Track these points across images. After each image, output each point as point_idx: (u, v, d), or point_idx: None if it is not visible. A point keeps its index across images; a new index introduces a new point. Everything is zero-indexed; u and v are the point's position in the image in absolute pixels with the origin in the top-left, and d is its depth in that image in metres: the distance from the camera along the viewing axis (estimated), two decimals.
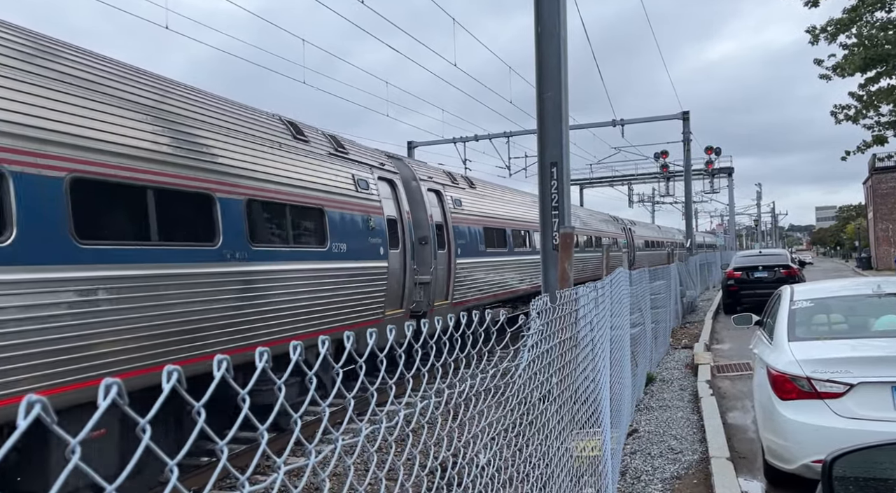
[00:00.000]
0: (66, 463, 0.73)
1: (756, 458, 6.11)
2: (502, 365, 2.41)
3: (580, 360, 3.94)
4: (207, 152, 6.46)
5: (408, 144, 28.90)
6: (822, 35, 15.52)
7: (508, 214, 15.30)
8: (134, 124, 5.67)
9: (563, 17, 7.09)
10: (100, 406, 0.75)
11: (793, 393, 4.90)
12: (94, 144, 5.19)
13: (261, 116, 7.96)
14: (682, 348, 13.06)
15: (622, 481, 5.64)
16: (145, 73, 6.42)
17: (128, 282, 5.34)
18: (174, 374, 0.85)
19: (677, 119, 27.10)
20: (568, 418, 3.62)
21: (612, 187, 47.29)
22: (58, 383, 4.73)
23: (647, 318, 9.96)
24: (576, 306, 3.84)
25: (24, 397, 0.69)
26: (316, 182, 8.07)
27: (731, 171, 41.71)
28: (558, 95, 7.00)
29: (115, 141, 5.41)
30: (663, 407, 8.25)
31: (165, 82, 6.62)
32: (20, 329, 4.50)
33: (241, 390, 1.05)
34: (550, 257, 6.95)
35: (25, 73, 4.88)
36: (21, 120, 4.67)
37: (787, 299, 6.16)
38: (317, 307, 7.76)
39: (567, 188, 7.16)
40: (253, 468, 1.14)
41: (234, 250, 6.53)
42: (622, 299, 6.88)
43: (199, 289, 6.04)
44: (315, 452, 1.15)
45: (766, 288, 14.92)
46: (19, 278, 4.52)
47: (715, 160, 31.78)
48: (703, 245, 47.57)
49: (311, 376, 1.23)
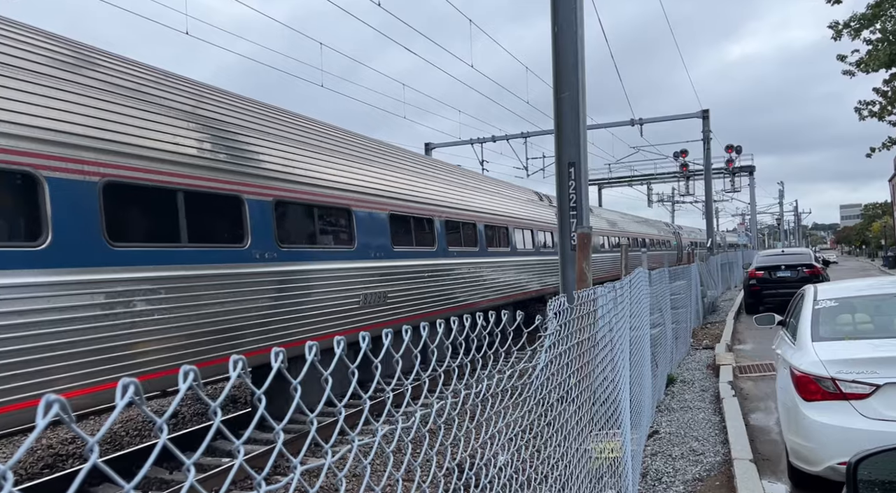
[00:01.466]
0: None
1: (780, 460, 6.01)
2: (519, 366, 2.40)
3: (599, 361, 3.91)
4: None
5: (425, 145, 28.97)
6: (845, 31, 15.25)
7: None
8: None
9: (580, 16, 7.05)
10: (117, 406, 0.76)
11: (817, 394, 4.81)
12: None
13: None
14: (704, 348, 12.90)
15: (643, 482, 5.59)
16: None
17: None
18: (190, 374, 0.86)
19: (697, 118, 26.82)
20: (587, 419, 3.59)
21: (631, 187, 46.85)
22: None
23: (668, 318, 9.85)
24: (594, 306, 3.82)
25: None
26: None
27: (753, 169, 41.12)
28: (576, 95, 6.97)
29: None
30: (684, 408, 8.16)
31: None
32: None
33: (257, 390, 1.05)
34: (568, 257, 6.92)
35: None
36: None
37: (810, 299, 6.06)
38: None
39: (585, 188, 7.12)
40: (270, 469, 1.14)
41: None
42: (641, 299, 6.82)
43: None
44: (332, 452, 1.15)
45: (789, 288, 14.68)
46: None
47: (736, 159, 31.40)
48: (733, 245, 48.44)
49: (326, 375, 1.23)
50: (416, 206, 10.29)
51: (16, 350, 4.36)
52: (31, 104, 4.68)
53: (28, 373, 4.42)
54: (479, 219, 12.74)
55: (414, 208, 10.21)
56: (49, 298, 4.57)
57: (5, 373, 4.32)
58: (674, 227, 35.81)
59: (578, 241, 4.57)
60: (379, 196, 9.26)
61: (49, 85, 4.86)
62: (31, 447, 0.75)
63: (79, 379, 4.73)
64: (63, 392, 4.45)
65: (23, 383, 4.38)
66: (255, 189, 6.67)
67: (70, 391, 4.57)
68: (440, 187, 11.49)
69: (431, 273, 10.51)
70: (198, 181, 5.98)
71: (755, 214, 52.09)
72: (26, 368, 4.41)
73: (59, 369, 4.60)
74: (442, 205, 11.19)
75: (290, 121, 8.10)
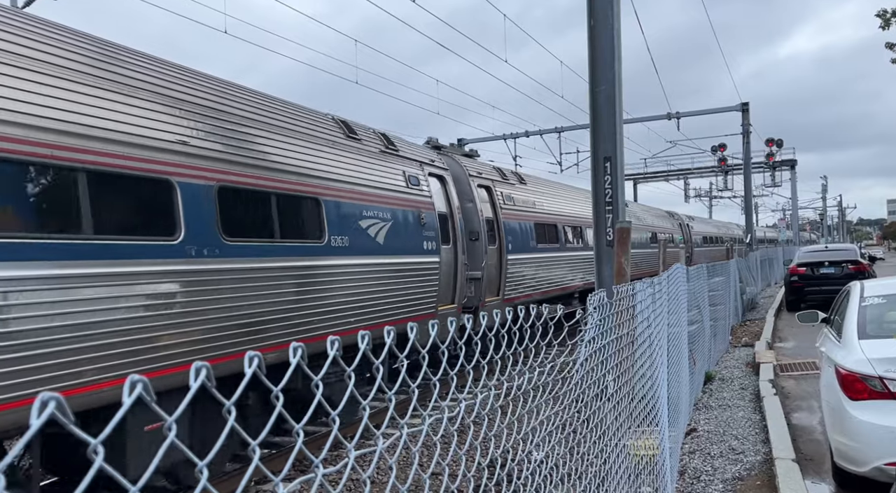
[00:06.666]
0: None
1: (823, 460, 5.88)
2: (559, 360, 2.41)
3: (637, 357, 3.88)
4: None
5: (458, 141, 28.96)
6: (893, 19, 14.72)
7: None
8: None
9: (617, 10, 6.97)
10: (124, 403, 0.74)
11: (864, 393, 4.70)
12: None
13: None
14: (743, 346, 12.65)
15: (681, 480, 5.52)
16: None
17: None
18: (202, 371, 0.83)
19: (736, 111, 26.21)
20: (625, 415, 3.58)
21: (668, 182, 46.10)
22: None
23: (706, 315, 9.69)
24: (633, 301, 3.79)
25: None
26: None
27: (794, 163, 39.98)
28: (612, 89, 6.90)
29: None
30: (723, 406, 8.02)
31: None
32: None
33: (275, 388, 1.00)
34: (604, 252, 6.86)
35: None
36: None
37: (856, 295, 5.90)
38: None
39: (621, 183, 7.05)
40: (289, 467, 1.16)
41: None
42: (679, 295, 6.73)
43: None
44: (382, 437, 1.18)
45: (832, 284, 14.26)
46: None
47: (776, 153, 30.59)
48: (772, 240, 47.11)
49: (349, 372, 1.22)
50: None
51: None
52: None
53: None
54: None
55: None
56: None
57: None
58: (680, 217, 32.62)
59: (617, 235, 4.54)
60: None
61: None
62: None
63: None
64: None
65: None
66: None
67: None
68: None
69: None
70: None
71: (797, 209, 50.71)
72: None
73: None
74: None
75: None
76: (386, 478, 5.65)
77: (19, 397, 4.06)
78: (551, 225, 14.36)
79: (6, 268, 4.07)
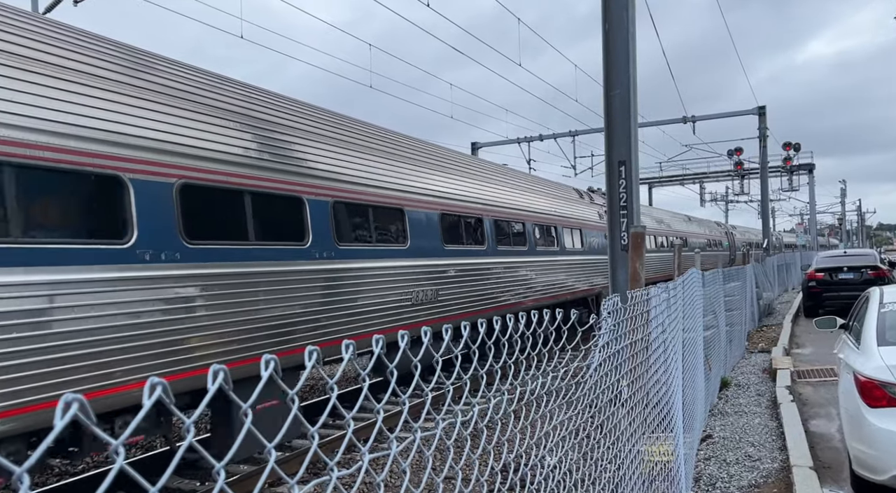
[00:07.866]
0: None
1: (841, 468, 5.79)
2: (573, 365, 2.40)
3: (651, 362, 3.86)
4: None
5: (472, 144, 28.98)
6: None
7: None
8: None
9: (632, 14, 6.95)
10: (144, 405, 0.75)
11: (883, 400, 4.63)
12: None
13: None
14: (759, 352, 12.50)
15: (696, 487, 5.47)
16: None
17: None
18: (220, 374, 0.84)
19: (752, 114, 25.97)
20: (639, 421, 3.55)
21: (683, 186, 45.73)
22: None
23: (722, 320, 9.60)
24: (647, 307, 3.77)
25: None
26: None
27: (812, 167, 39.49)
28: (626, 92, 6.88)
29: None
30: (739, 413, 7.94)
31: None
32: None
33: (290, 391, 1.01)
34: (619, 256, 6.84)
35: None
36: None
37: (876, 301, 5.83)
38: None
39: (636, 187, 7.02)
40: (304, 471, 1.17)
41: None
42: (694, 300, 6.68)
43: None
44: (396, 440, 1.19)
45: (851, 290, 14.06)
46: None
47: (794, 157, 30.27)
48: (790, 245, 51.24)
49: (363, 375, 1.23)
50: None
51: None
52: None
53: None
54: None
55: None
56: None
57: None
58: (727, 226, 35.72)
59: (632, 240, 4.52)
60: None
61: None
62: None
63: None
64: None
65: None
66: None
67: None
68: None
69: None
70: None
71: (814, 213, 50.08)
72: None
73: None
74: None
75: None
76: (399, 482, 5.67)
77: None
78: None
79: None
